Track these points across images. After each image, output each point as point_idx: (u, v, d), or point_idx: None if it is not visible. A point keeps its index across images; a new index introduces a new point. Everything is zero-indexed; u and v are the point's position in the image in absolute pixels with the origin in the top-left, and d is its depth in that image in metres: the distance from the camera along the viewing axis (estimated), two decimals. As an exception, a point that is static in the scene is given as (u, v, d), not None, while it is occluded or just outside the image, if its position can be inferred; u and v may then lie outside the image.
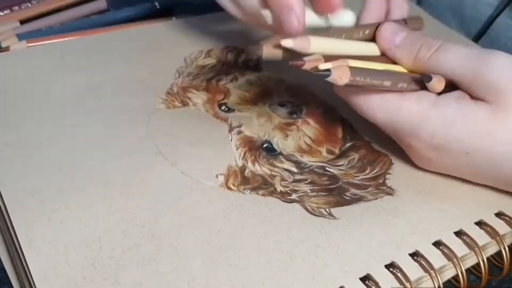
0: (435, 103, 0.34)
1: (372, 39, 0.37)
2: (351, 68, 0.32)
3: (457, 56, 0.34)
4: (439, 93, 0.34)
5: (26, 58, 0.45)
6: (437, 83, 0.33)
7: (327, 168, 0.37)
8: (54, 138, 0.37)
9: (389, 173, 0.37)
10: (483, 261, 0.32)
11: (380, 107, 0.34)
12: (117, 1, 0.57)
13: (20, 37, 0.49)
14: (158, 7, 0.55)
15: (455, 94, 0.34)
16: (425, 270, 0.31)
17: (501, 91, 0.32)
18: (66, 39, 0.48)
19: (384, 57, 0.36)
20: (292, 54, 0.34)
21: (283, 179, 0.35)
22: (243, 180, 0.35)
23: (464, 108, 0.33)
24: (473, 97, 0.33)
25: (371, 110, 0.35)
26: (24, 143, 0.36)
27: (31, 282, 0.28)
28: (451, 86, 0.34)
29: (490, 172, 0.34)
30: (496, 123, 0.32)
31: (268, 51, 0.34)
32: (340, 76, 0.32)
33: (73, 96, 0.41)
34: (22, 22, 0.54)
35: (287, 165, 0.37)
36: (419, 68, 0.35)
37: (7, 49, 0.47)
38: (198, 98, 0.42)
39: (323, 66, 0.32)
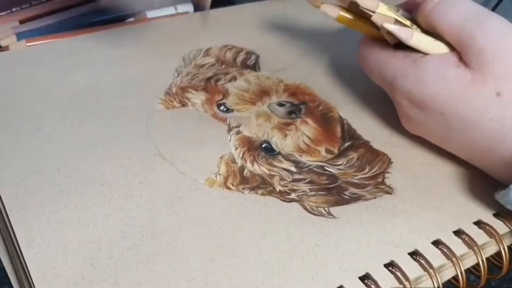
0: (416, 61, 0.35)
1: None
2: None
3: (456, 14, 0.34)
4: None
5: (25, 58, 0.45)
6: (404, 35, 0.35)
7: (326, 168, 0.37)
8: (53, 139, 0.37)
9: (388, 172, 0.37)
10: (482, 260, 0.32)
11: (375, 60, 0.38)
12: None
13: (20, 36, 0.49)
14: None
15: (440, 55, 0.35)
16: (424, 269, 0.31)
17: (486, 60, 0.32)
18: (65, 38, 0.48)
19: None
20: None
21: (282, 179, 0.35)
22: (242, 179, 0.35)
23: (445, 69, 0.34)
24: (461, 60, 0.34)
25: (367, 62, 0.38)
26: (23, 144, 0.36)
27: (31, 282, 0.28)
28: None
29: (463, 138, 0.34)
30: (472, 90, 0.33)
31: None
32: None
33: (72, 96, 0.41)
34: (22, 22, 0.54)
35: (286, 164, 0.37)
36: (422, 20, 0.36)
37: (6, 48, 0.47)
38: (197, 98, 0.42)
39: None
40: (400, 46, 0.36)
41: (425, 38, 0.35)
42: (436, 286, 0.30)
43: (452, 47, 0.35)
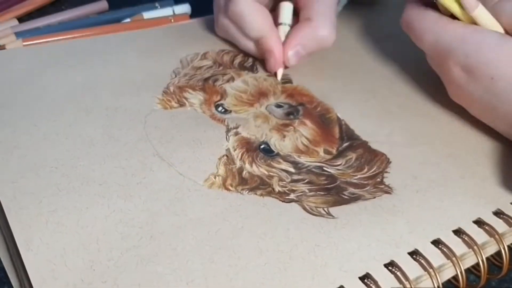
0: (478, 30, 0.37)
1: None
2: None
3: None
4: None
5: (22, 57, 0.44)
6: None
7: (324, 168, 0.37)
8: (51, 138, 0.36)
9: (386, 172, 0.37)
10: (482, 260, 0.32)
11: (431, 29, 0.39)
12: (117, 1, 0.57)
13: (18, 35, 0.48)
14: (158, 7, 0.55)
15: (500, 32, 0.37)
16: (424, 269, 0.31)
17: None
18: (63, 37, 0.48)
19: None
20: None
21: (281, 180, 0.35)
22: (240, 180, 0.35)
23: (502, 39, 0.36)
24: None
25: (423, 32, 0.40)
26: (20, 143, 0.36)
27: (31, 284, 0.28)
28: None
29: (507, 104, 0.36)
30: None
31: None
32: None
33: (70, 96, 0.40)
34: (20, 19, 0.54)
35: (285, 165, 0.37)
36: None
37: (3, 47, 0.47)
38: (195, 98, 0.41)
39: None
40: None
41: (487, 12, 0.37)
42: (436, 286, 0.30)
43: None
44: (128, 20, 0.54)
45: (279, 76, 0.45)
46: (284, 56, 0.44)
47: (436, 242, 0.32)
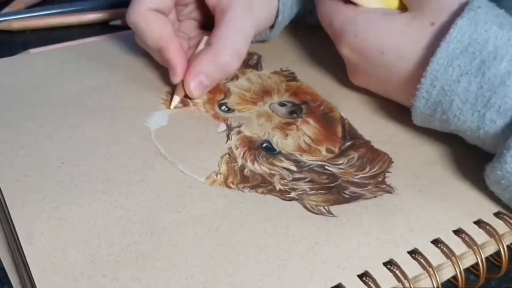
0: (366, 11, 0.39)
1: None
2: None
3: None
4: None
5: (29, 62, 0.45)
6: None
7: (326, 167, 0.37)
8: (55, 137, 0.37)
9: (388, 172, 0.37)
10: (481, 259, 0.32)
11: (328, 12, 0.40)
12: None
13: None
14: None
15: (386, 9, 0.38)
16: (423, 268, 0.31)
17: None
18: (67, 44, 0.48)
19: None
20: None
21: (282, 178, 0.36)
22: (242, 178, 0.35)
23: (388, 14, 0.38)
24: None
25: (322, 16, 0.41)
26: (25, 142, 0.36)
27: (31, 278, 0.28)
28: None
29: (399, 72, 0.37)
30: (411, 26, 0.36)
31: None
32: None
33: (74, 97, 0.41)
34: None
35: (287, 164, 0.37)
36: None
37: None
38: (198, 98, 0.42)
39: None
40: None
41: None
42: (435, 285, 0.30)
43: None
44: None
45: (173, 105, 0.41)
46: (186, 88, 0.40)
47: (436, 242, 0.32)
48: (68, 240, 0.30)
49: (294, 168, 0.36)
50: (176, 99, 0.41)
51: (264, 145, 0.38)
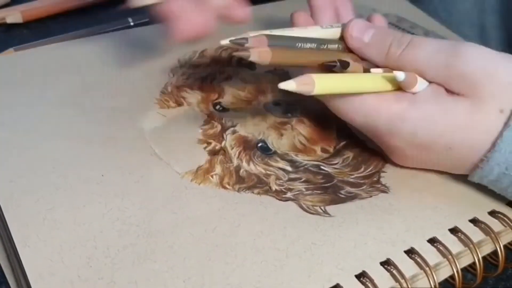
0: (413, 101, 0.33)
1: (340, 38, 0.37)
2: (267, 36, 0.33)
3: (427, 50, 0.34)
4: None
5: (20, 60, 0.44)
6: (410, 79, 0.33)
7: (321, 167, 0.37)
8: (48, 138, 0.36)
9: (383, 171, 0.37)
10: (478, 258, 0.32)
11: (359, 110, 0.34)
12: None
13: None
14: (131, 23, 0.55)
15: (430, 90, 0.34)
16: (420, 267, 0.31)
17: (476, 82, 0.32)
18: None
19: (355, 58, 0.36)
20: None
21: (278, 178, 0.35)
22: (238, 179, 0.35)
23: (443, 104, 0.33)
24: (449, 91, 0.33)
25: (350, 114, 0.35)
26: (18, 142, 0.36)
27: (27, 281, 0.28)
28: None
29: (469, 162, 0.33)
30: (476, 115, 0.32)
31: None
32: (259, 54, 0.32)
33: (68, 97, 0.40)
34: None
35: (282, 164, 0.37)
36: (391, 66, 0.35)
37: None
38: (193, 97, 0.41)
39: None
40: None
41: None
42: (432, 284, 0.30)
43: None
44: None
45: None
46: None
47: (432, 241, 0.32)
48: (64, 242, 0.30)
49: (289, 168, 0.36)
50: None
51: (260, 144, 0.38)
